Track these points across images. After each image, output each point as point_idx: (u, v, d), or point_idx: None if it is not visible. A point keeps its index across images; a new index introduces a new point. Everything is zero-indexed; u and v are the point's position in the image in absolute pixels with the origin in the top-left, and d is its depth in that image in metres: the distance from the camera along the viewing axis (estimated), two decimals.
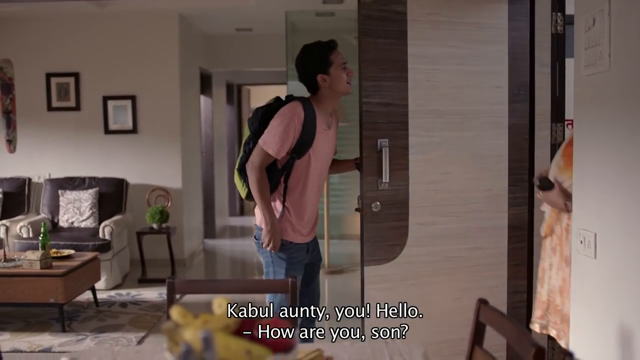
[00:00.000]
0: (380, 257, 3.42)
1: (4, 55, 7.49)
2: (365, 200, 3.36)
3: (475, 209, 3.52)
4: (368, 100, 3.36)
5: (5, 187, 7.22)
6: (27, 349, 4.73)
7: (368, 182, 3.37)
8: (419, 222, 3.44)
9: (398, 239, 3.42)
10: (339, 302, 6.17)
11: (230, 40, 8.97)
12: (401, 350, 2.13)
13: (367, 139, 3.36)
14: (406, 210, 3.40)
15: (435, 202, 3.46)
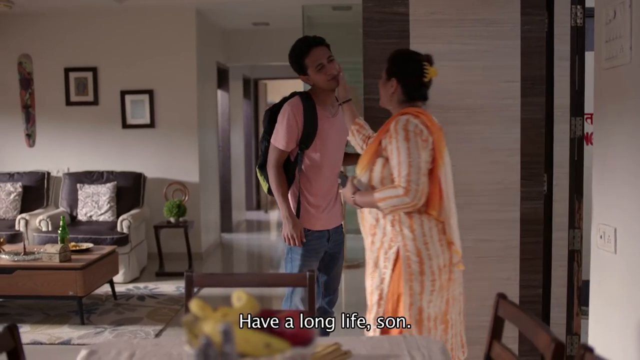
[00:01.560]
0: None
1: (23, 51, 7.55)
2: None
3: (483, 202, 3.55)
4: (369, 97, 3.53)
5: (24, 181, 7.29)
6: (47, 341, 4.78)
7: None
8: None
9: None
10: (355, 296, 6.18)
11: (247, 35, 8.97)
12: (419, 345, 2.13)
13: None
14: None
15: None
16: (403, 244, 2.80)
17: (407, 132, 2.70)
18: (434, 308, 2.83)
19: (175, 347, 2.14)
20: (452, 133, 3.48)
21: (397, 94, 2.88)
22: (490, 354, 2.04)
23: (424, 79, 2.84)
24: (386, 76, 2.91)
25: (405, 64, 2.88)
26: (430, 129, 2.77)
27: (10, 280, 5.11)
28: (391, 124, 2.78)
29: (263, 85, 12.34)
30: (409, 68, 2.85)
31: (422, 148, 2.72)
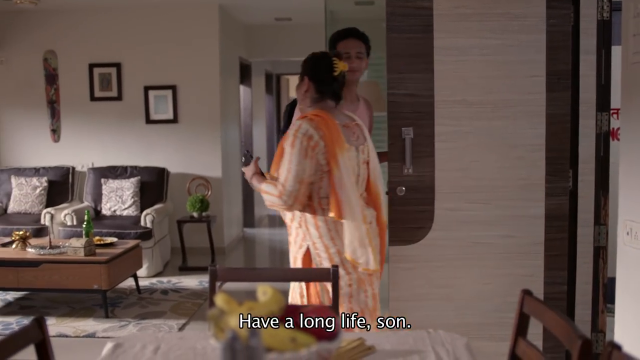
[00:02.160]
0: (406, 239, 3.53)
1: (49, 47, 7.63)
2: (391, 185, 3.51)
3: (506, 197, 3.52)
4: (393, 91, 3.50)
5: (50, 175, 7.37)
6: (72, 334, 4.83)
7: (393, 168, 3.53)
8: (445, 207, 3.52)
9: (423, 222, 3.52)
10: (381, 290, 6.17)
11: (270, 30, 8.99)
12: (443, 341, 2.12)
13: (392, 127, 3.51)
14: (432, 195, 3.50)
15: (462, 188, 3.52)
16: (312, 243, 2.89)
17: (295, 138, 2.80)
18: (358, 304, 2.88)
19: (199, 341, 2.15)
20: (475, 128, 3.49)
21: (310, 91, 2.99)
22: (516, 350, 2.02)
23: (334, 73, 2.95)
24: (300, 77, 3.05)
25: (316, 62, 3.01)
26: (324, 132, 2.80)
27: (36, 274, 5.17)
28: (290, 129, 2.89)
29: (285, 81, 12.35)
30: (319, 65, 2.98)
31: (310, 154, 2.79)
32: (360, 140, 3.01)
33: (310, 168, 2.80)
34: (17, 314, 5.35)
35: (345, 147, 2.86)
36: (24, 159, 7.77)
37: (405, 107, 3.49)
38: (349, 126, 2.97)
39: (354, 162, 2.92)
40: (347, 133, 2.92)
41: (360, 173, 2.99)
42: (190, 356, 2.03)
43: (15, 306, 5.56)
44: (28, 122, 7.76)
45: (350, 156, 2.89)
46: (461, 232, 3.53)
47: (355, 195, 2.84)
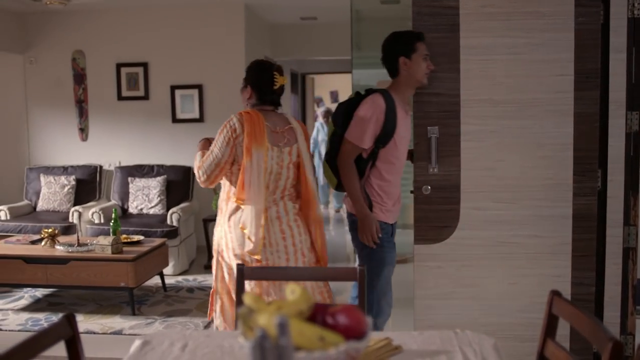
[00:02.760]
0: (431, 237, 3.57)
1: (77, 47, 7.72)
2: (417, 183, 3.54)
3: (533, 197, 3.50)
4: (419, 91, 3.51)
5: (78, 174, 7.47)
6: (100, 331, 4.89)
7: (419, 167, 3.55)
8: (471, 207, 3.52)
9: (449, 221, 3.53)
10: (401, 291, 6.15)
11: (295, 29, 9.00)
12: (471, 341, 2.11)
13: (418, 127, 3.50)
14: (457, 194, 3.51)
15: (488, 188, 3.51)
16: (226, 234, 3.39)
17: (224, 128, 3.29)
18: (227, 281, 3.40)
19: (226, 339, 2.16)
20: (501, 127, 3.47)
21: (252, 99, 3.42)
22: (544, 352, 2.01)
23: (274, 87, 3.38)
24: (244, 83, 3.46)
25: (258, 74, 3.40)
26: (247, 129, 3.22)
27: (64, 271, 5.24)
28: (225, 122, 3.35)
29: (310, 80, 12.37)
30: (262, 78, 3.38)
31: (231, 144, 3.24)
32: (288, 142, 3.36)
33: (228, 155, 3.24)
34: (45, 310, 5.42)
35: (265, 146, 3.24)
36: (53, 158, 7.88)
37: (431, 107, 3.49)
38: (277, 131, 3.33)
39: (274, 161, 3.28)
40: (273, 136, 3.30)
41: (283, 172, 3.33)
42: (217, 354, 2.04)
43: (44, 303, 5.64)
44: (56, 121, 7.86)
45: (273, 154, 3.28)
46: (487, 232, 3.52)
47: (260, 185, 3.22)
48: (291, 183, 3.39)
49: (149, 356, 2.05)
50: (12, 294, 5.84)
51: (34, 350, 1.79)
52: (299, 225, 3.37)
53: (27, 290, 5.88)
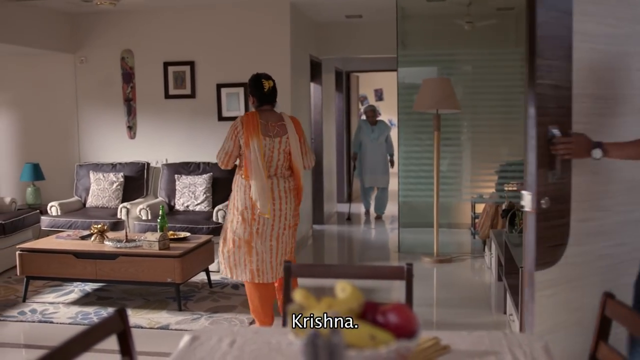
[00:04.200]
0: (547, 260, 3.03)
1: (126, 46, 7.85)
2: (536, 196, 2.94)
3: None
4: (541, 82, 2.92)
5: (126, 171, 7.60)
6: (147, 325, 4.96)
7: (540, 175, 2.94)
8: (579, 219, 3.09)
9: (560, 238, 3.03)
10: (447, 291, 6.11)
11: (340, 27, 8.99)
12: (521, 342, 2.08)
13: (540, 125, 2.92)
14: (568, 205, 3.02)
15: (594, 195, 3.13)
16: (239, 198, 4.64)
17: (231, 127, 4.62)
18: (239, 232, 4.62)
19: (274, 336, 2.17)
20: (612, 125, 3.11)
21: (255, 103, 4.74)
22: (596, 354, 1.97)
23: (264, 90, 4.69)
24: (249, 94, 4.78)
25: (252, 83, 4.75)
26: (245, 125, 4.53)
27: (113, 266, 5.33)
28: None
29: (355, 78, 12.34)
30: (255, 86, 4.71)
31: (234, 138, 4.58)
32: (278, 133, 4.59)
33: (233, 146, 4.60)
34: (94, 304, 5.53)
35: (259, 136, 4.51)
36: (102, 155, 8.03)
37: (549, 102, 2.94)
38: (268, 125, 4.58)
39: (267, 147, 4.54)
40: (265, 129, 4.56)
41: (274, 155, 4.59)
42: (264, 351, 2.05)
43: (93, 297, 5.75)
44: (106, 119, 8.01)
45: (265, 143, 4.53)
46: (593, 245, 3.12)
47: (259, 165, 4.49)
48: (283, 164, 4.64)
49: (197, 351, 2.07)
50: (63, 288, 5.97)
51: (88, 342, 1.83)
52: (287, 195, 4.65)
53: (77, 284, 6.01)
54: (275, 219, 4.58)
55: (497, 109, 7.53)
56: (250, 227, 4.58)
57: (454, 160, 7.72)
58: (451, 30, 7.65)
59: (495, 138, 7.62)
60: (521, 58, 7.01)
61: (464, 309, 5.45)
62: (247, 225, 4.58)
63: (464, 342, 2.10)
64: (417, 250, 7.44)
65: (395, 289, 6.01)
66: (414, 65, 7.76)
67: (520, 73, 7.12)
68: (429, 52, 7.77)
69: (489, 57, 7.53)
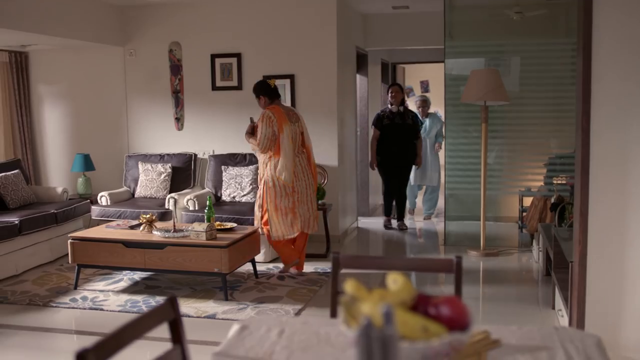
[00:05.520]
0: None
1: (174, 39, 7.94)
2: None
3: None
4: None
5: (173, 162, 7.70)
6: (194, 314, 5.02)
7: None
8: None
9: None
10: (493, 285, 6.04)
11: (387, 19, 8.94)
12: (573, 338, 2.05)
13: None
14: None
15: None
16: (268, 174, 5.88)
17: (264, 118, 5.79)
18: (284, 204, 5.88)
19: (322, 327, 2.18)
20: None
21: (267, 101, 5.96)
22: None
23: (272, 87, 5.99)
24: (257, 95, 6.04)
25: (262, 85, 6.05)
26: (277, 116, 5.80)
27: (161, 255, 5.41)
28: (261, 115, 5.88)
29: (401, 70, 12.27)
30: (263, 88, 6.02)
31: (269, 126, 5.76)
32: (296, 119, 5.98)
33: (270, 133, 5.76)
34: (143, 293, 5.62)
35: (288, 123, 5.83)
36: (150, 146, 8.15)
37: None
38: (289, 113, 5.95)
39: (292, 132, 5.87)
40: (288, 116, 5.88)
41: (296, 138, 5.93)
42: (313, 341, 2.06)
43: (142, 285, 5.84)
44: (154, 111, 8.13)
45: (291, 128, 5.86)
46: None
47: (289, 146, 5.81)
48: (299, 144, 5.98)
49: (247, 341, 2.09)
50: (113, 276, 6.09)
51: (140, 330, 1.86)
52: (306, 168, 6.00)
53: (126, 272, 6.12)
54: (303, 186, 5.95)
55: (547, 100, 7.40)
56: (292, 197, 5.88)
57: (502, 153, 7.62)
58: (499, 21, 7.54)
59: (544, 130, 7.49)
60: (572, 49, 6.87)
61: (510, 303, 5.39)
62: (289, 196, 5.87)
63: (513, 337, 2.08)
64: (463, 243, 7.38)
65: (441, 281, 5.98)
66: (462, 56, 7.67)
67: (571, 64, 6.97)
68: (477, 43, 7.66)
69: (539, 47, 7.40)
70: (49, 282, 6.01)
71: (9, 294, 5.67)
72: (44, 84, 8.52)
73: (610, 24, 3.20)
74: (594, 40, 3.23)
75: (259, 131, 5.79)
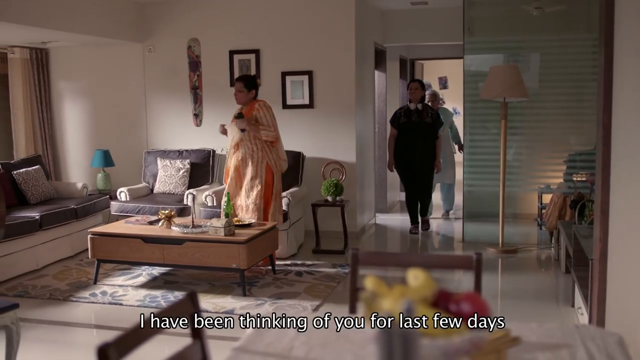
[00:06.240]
0: None
1: (193, 35, 7.96)
2: None
3: None
4: None
5: (192, 158, 7.73)
6: (212, 310, 5.05)
7: None
8: None
9: None
10: (512, 282, 6.01)
11: (405, 15, 8.90)
12: (594, 336, 2.03)
13: None
14: None
15: None
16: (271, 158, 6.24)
17: (268, 108, 6.21)
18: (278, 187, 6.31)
19: None
20: None
21: (253, 95, 6.23)
22: None
23: (259, 85, 6.40)
24: (247, 90, 6.19)
25: (254, 82, 6.28)
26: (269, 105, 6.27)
27: (180, 251, 5.44)
28: (256, 105, 6.21)
29: (419, 66, 12.21)
30: (255, 83, 6.27)
31: (273, 114, 6.22)
32: None
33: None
34: (162, 288, 5.66)
35: None
36: (169, 142, 8.19)
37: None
38: None
39: None
40: None
41: None
42: (332, 337, 2.06)
43: (160, 281, 5.88)
44: (174, 107, 8.16)
45: None
46: None
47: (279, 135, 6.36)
48: None
49: (265, 337, 2.10)
50: (132, 272, 6.13)
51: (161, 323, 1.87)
52: None
53: (145, 268, 6.16)
54: None
55: (566, 96, 7.34)
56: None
57: (521, 150, 7.57)
58: (519, 17, 7.48)
59: (564, 127, 7.44)
60: (593, 44, 6.81)
61: (529, 301, 5.36)
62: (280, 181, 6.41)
63: (534, 335, 2.07)
64: (481, 240, 7.34)
65: (459, 278, 5.95)
66: (481, 52, 7.63)
67: (591, 60, 6.91)
68: (496, 39, 7.62)
69: (559, 43, 7.34)
70: (69, 277, 6.07)
71: (30, 288, 5.73)
72: (64, 80, 8.58)
73: (632, 18, 3.15)
74: (615, 35, 3.20)
75: (266, 119, 6.13)
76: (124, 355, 1.68)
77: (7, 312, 3.66)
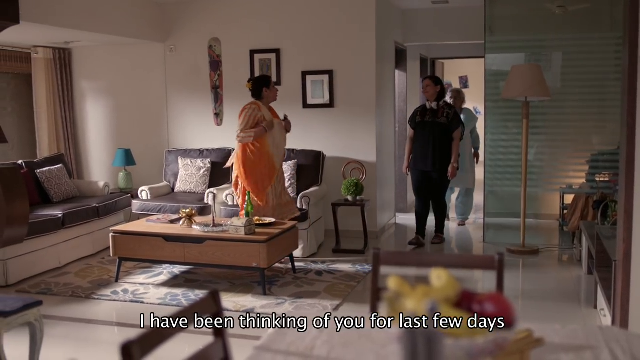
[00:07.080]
0: None
1: (213, 35, 8.00)
2: None
3: None
4: None
5: (213, 157, 7.76)
6: (233, 309, 5.06)
7: None
8: None
9: None
10: (534, 283, 5.97)
11: (426, 14, 8.87)
12: (618, 338, 2.01)
13: None
14: None
15: None
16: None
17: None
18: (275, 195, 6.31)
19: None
20: None
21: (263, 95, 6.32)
22: None
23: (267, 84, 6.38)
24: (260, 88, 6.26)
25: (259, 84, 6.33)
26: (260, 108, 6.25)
27: (201, 250, 5.47)
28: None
29: (440, 65, 12.17)
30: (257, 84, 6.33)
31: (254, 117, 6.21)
32: None
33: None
34: (182, 286, 5.69)
35: None
36: (190, 141, 8.23)
37: None
38: None
39: None
40: None
41: None
42: (354, 336, 2.06)
43: (181, 279, 5.91)
44: (195, 106, 8.20)
45: None
46: None
47: None
48: None
49: (288, 336, 2.10)
50: (153, 270, 6.17)
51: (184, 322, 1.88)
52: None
53: (166, 266, 6.19)
54: None
55: (590, 96, 7.27)
56: None
57: (543, 149, 7.51)
58: (541, 15, 7.42)
59: (586, 126, 7.37)
60: (616, 43, 6.74)
61: (551, 302, 5.32)
62: None
63: (557, 336, 2.05)
64: (502, 240, 7.29)
65: (479, 279, 5.92)
66: (502, 51, 7.58)
67: (615, 59, 6.84)
68: (518, 38, 7.56)
69: (582, 42, 7.27)
70: (91, 275, 6.12)
71: (53, 285, 5.79)
72: (87, 80, 8.65)
73: None
74: None
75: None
76: (147, 353, 1.69)
77: (30, 309, 3.70)
